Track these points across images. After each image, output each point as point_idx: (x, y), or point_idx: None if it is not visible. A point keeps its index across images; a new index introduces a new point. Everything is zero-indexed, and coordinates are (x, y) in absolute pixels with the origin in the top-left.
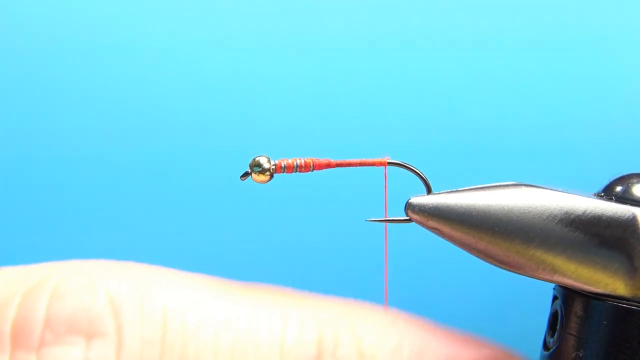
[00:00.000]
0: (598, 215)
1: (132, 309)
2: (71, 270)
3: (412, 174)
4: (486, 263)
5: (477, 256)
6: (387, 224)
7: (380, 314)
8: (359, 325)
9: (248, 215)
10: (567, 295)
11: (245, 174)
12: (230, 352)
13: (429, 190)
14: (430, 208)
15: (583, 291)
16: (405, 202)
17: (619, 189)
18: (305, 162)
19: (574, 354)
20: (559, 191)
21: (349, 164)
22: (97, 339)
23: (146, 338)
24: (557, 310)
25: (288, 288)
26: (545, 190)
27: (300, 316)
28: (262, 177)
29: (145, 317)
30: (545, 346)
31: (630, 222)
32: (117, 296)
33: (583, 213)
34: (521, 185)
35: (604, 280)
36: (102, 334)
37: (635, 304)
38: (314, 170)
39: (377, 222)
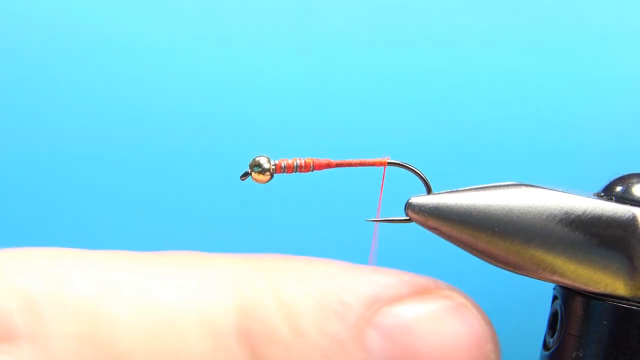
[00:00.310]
0: (598, 215)
1: (45, 306)
2: None
3: (412, 174)
4: (486, 263)
5: (477, 256)
6: (386, 223)
7: (297, 264)
8: (278, 281)
9: (248, 215)
10: (567, 295)
11: (245, 174)
12: (151, 331)
13: (429, 190)
14: (430, 208)
15: (583, 291)
16: (405, 202)
17: (619, 189)
18: (305, 162)
19: (574, 354)
20: (559, 191)
21: (349, 164)
22: (10, 344)
23: (64, 334)
24: (557, 310)
25: (202, 252)
26: (545, 190)
27: (215, 280)
28: (262, 177)
29: (60, 311)
30: (545, 346)
31: (630, 222)
32: (28, 292)
33: (583, 213)
34: (521, 185)
35: (604, 280)
36: (15, 338)
37: (635, 304)
38: (314, 170)
39: (377, 224)
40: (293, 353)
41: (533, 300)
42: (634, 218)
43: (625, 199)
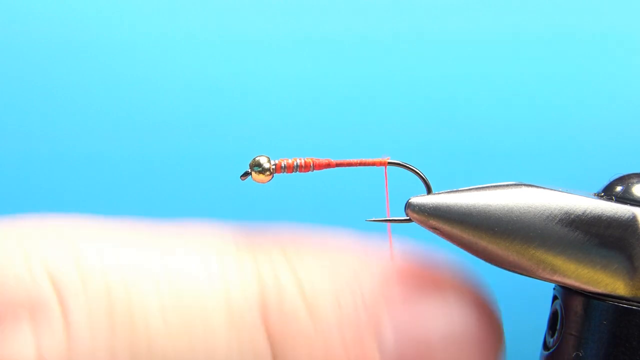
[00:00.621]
0: (598, 215)
1: (74, 286)
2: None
3: (412, 174)
4: (486, 263)
5: (477, 256)
6: (388, 223)
7: (316, 247)
8: (300, 269)
9: (248, 215)
10: (567, 295)
11: (245, 174)
12: (176, 309)
13: (429, 190)
14: (430, 208)
15: (583, 291)
16: (405, 202)
17: (619, 189)
18: (305, 162)
19: (574, 353)
20: (559, 191)
21: (349, 164)
22: (43, 325)
23: (93, 312)
24: (557, 310)
25: (220, 223)
26: (545, 190)
27: (239, 260)
28: (262, 177)
29: (87, 286)
30: (545, 346)
31: (630, 222)
32: (57, 271)
33: (583, 213)
34: (521, 185)
35: (604, 280)
36: (48, 319)
37: (635, 304)
38: (314, 170)
39: (377, 222)
40: (311, 342)
41: (533, 300)
42: (634, 218)
43: (625, 199)
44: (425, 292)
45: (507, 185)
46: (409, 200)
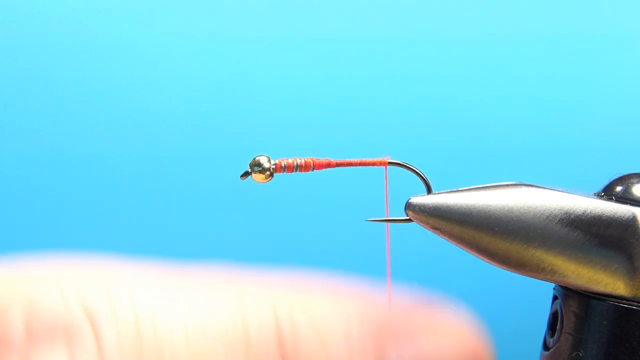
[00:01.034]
0: (598, 215)
1: (105, 315)
2: (36, 276)
3: (412, 174)
4: (486, 263)
5: (477, 256)
6: (388, 223)
7: (326, 288)
8: (311, 302)
9: (248, 215)
10: (567, 295)
11: (245, 174)
12: (201, 348)
13: (429, 190)
14: (430, 208)
15: (583, 291)
16: (405, 202)
17: (619, 189)
18: (305, 162)
19: (574, 354)
20: (559, 191)
21: (349, 164)
22: (77, 347)
23: (122, 344)
24: (557, 310)
25: (232, 266)
26: (545, 190)
27: (256, 300)
28: (262, 177)
29: (118, 321)
30: (545, 346)
31: (630, 222)
32: (89, 302)
33: (583, 213)
34: (521, 185)
35: (604, 280)
36: (81, 342)
37: (635, 304)
38: (314, 170)
39: (377, 222)
40: None
41: (533, 300)
42: (634, 218)
43: (625, 199)
44: (421, 327)
45: (507, 185)
46: (409, 200)
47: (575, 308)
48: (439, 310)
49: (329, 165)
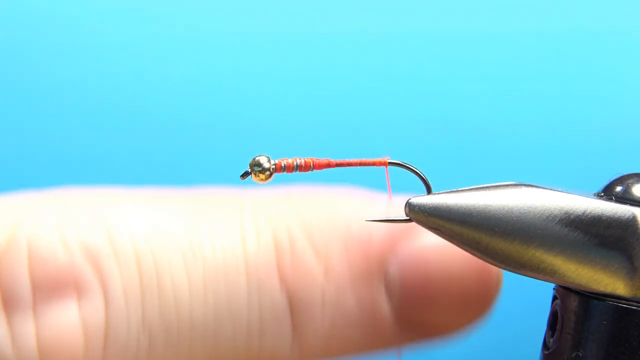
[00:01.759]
0: (598, 215)
1: (107, 255)
2: (36, 222)
3: (412, 174)
4: (486, 263)
5: (477, 256)
6: (388, 224)
7: (325, 202)
8: (312, 225)
9: None
10: (566, 295)
11: (245, 174)
12: (202, 275)
13: (429, 190)
14: (430, 208)
15: (583, 291)
16: (405, 202)
17: (619, 189)
18: (305, 162)
19: (574, 353)
20: (559, 191)
21: (349, 164)
22: (84, 294)
23: (126, 282)
24: (557, 310)
25: (237, 191)
26: (545, 190)
27: (254, 221)
28: (262, 177)
29: (120, 260)
30: (545, 346)
31: (630, 222)
32: (91, 246)
33: (583, 213)
34: (521, 185)
35: (604, 280)
36: (89, 293)
37: (635, 304)
38: (314, 170)
39: (377, 222)
40: (325, 291)
41: (533, 300)
42: (634, 218)
43: (625, 199)
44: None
45: (507, 186)
46: (409, 200)
47: (575, 308)
48: None
49: (328, 165)
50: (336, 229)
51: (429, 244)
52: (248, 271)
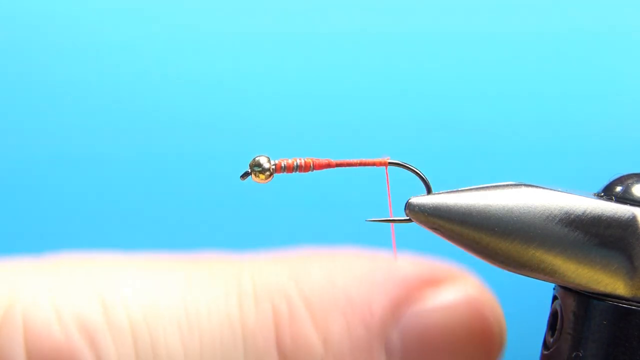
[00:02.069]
0: (598, 215)
1: (102, 330)
2: (32, 296)
3: (412, 174)
4: (486, 263)
5: (477, 256)
6: (386, 223)
7: (324, 267)
8: (311, 292)
9: (248, 215)
10: (566, 295)
11: (245, 174)
12: (199, 346)
13: (429, 190)
14: (430, 208)
15: (583, 291)
16: (405, 202)
17: (619, 189)
18: (305, 162)
19: (574, 353)
20: (559, 191)
21: (349, 164)
22: None
23: (122, 356)
24: (557, 310)
25: (235, 256)
26: (545, 190)
27: (253, 289)
28: (262, 177)
29: (115, 334)
30: (545, 346)
31: (630, 222)
32: (87, 319)
33: (583, 213)
34: (521, 185)
35: (604, 280)
36: None
37: (635, 304)
38: (314, 170)
39: (377, 222)
40: None
41: (533, 300)
42: (634, 218)
43: (625, 199)
44: (426, 291)
45: (507, 186)
46: (409, 200)
47: (575, 308)
48: (444, 275)
49: (328, 165)
50: (336, 296)
51: (430, 309)
52: (245, 342)
